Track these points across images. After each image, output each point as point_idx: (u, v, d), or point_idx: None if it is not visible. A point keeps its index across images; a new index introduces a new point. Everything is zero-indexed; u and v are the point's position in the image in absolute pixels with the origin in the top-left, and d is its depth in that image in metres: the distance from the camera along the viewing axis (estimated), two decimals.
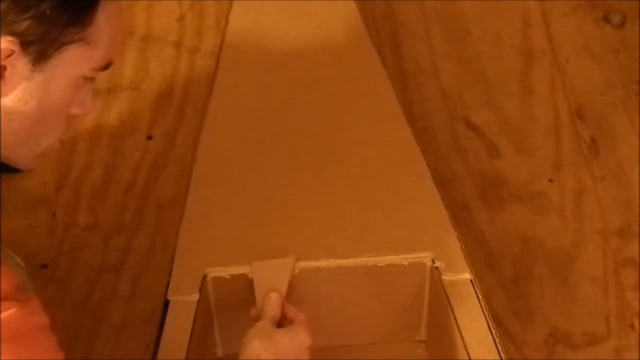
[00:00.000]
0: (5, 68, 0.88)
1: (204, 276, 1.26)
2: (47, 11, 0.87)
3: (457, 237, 1.31)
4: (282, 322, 1.18)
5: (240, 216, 1.34)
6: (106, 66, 0.96)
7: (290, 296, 1.26)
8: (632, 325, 1.47)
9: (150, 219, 1.56)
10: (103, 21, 0.92)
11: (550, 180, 1.63)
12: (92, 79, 0.97)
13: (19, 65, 0.88)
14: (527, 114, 1.71)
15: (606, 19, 1.83)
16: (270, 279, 1.22)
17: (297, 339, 1.13)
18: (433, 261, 1.27)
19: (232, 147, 1.44)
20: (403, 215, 1.33)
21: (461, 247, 1.29)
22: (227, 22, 1.62)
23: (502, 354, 1.16)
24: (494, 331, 1.19)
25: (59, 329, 0.86)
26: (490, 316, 1.21)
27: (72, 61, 0.91)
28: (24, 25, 0.87)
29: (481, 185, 1.62)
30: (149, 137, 1.66)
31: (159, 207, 1.57)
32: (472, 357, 1.16)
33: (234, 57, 1.56)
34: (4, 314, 0.84)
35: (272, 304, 1.18)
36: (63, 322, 1.42)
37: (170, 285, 1.25)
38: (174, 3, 1.82)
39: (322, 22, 1.60)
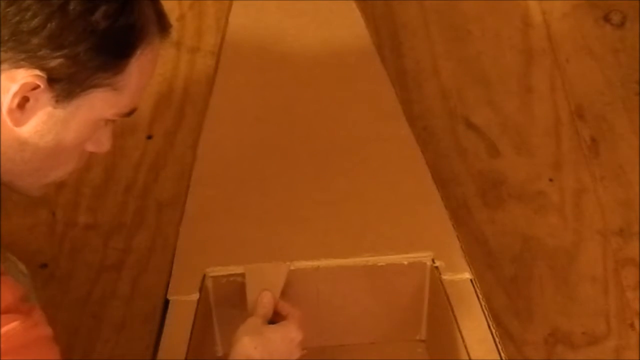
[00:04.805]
0: (27, 100, 0.87)
1: (204, 276, 1.26)
2: (81, 53, 0.86)
3: (457, 237, 1.31)
4: (276, 319, 1.16)
5: (240, 216, 1.34)
6: (129, 113, 0.95)
7: (289, 296, 1.26)
8: (632, 325, 1.47)
9: (150, 219, 1.56)
10: (135, 71, 0.91)
11: (550, 180, 1.63)
12: (112, 121, 0.97)
13: (42, 99, 0.88)
14: (527, 114, 1.71)
15: (606, 19, 1.83)
16: (264, 281, 1.21)
17: (287, 335, 1.12)
18: (433, 261, 1.27)
19: (232, 147, 1.44)
20: (403, 215, 1.33)
21: (461, 246, 1.29)
22: (227, 21, 1.61)
23: (502, 354, 1.16)
24: (493, 331, 1.19)
25: (59, 329, 0.86)
26: (490, 316, 1.21)
27: (96, 104, 0.91)
28: (55, 62, 0.86)
29: (481, 184, 1.62)
30: (149, 137, 1.66)
31: (159, 206, 1.57)
32: (472, 357, 1.16)
33: (234, 56, 1.56)
34: (7, 328, 0.83)
35: (264, 302, 1.16)
36: (63, 322, 1.42)
37: (170, 284, 1.25)
38: (174, 2, 1.82)
39: (322, 22, 1.60)
